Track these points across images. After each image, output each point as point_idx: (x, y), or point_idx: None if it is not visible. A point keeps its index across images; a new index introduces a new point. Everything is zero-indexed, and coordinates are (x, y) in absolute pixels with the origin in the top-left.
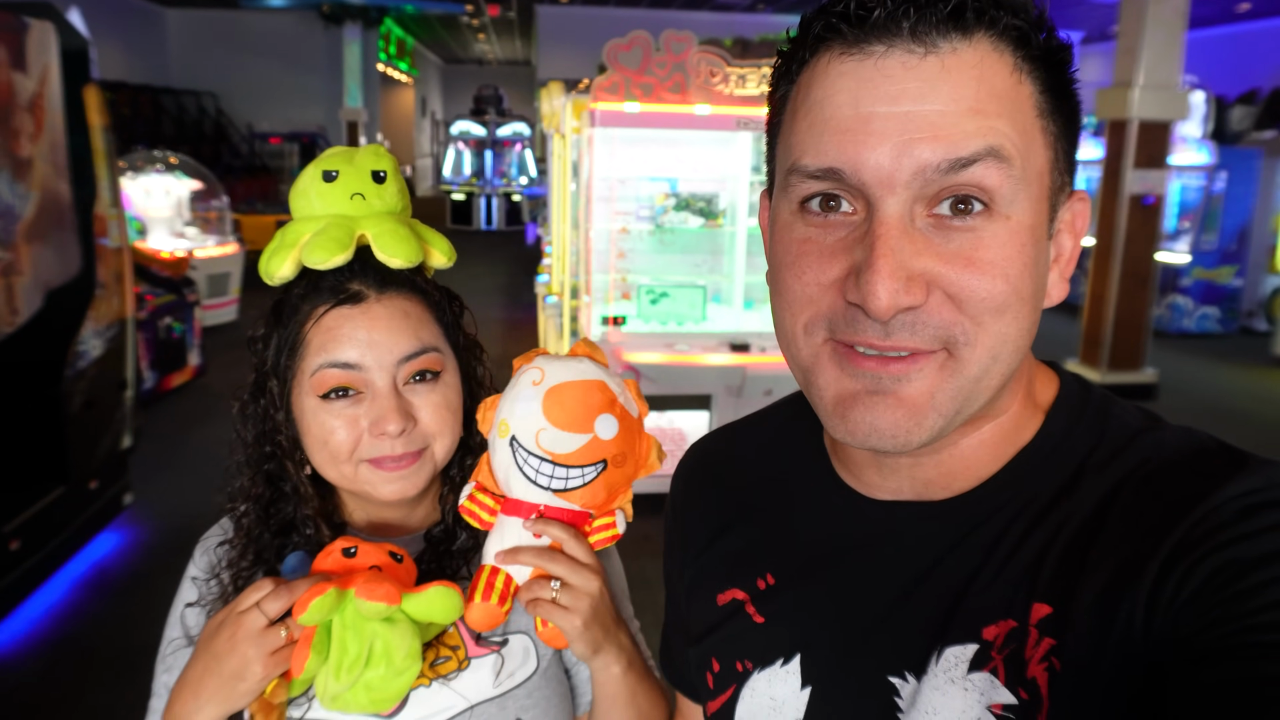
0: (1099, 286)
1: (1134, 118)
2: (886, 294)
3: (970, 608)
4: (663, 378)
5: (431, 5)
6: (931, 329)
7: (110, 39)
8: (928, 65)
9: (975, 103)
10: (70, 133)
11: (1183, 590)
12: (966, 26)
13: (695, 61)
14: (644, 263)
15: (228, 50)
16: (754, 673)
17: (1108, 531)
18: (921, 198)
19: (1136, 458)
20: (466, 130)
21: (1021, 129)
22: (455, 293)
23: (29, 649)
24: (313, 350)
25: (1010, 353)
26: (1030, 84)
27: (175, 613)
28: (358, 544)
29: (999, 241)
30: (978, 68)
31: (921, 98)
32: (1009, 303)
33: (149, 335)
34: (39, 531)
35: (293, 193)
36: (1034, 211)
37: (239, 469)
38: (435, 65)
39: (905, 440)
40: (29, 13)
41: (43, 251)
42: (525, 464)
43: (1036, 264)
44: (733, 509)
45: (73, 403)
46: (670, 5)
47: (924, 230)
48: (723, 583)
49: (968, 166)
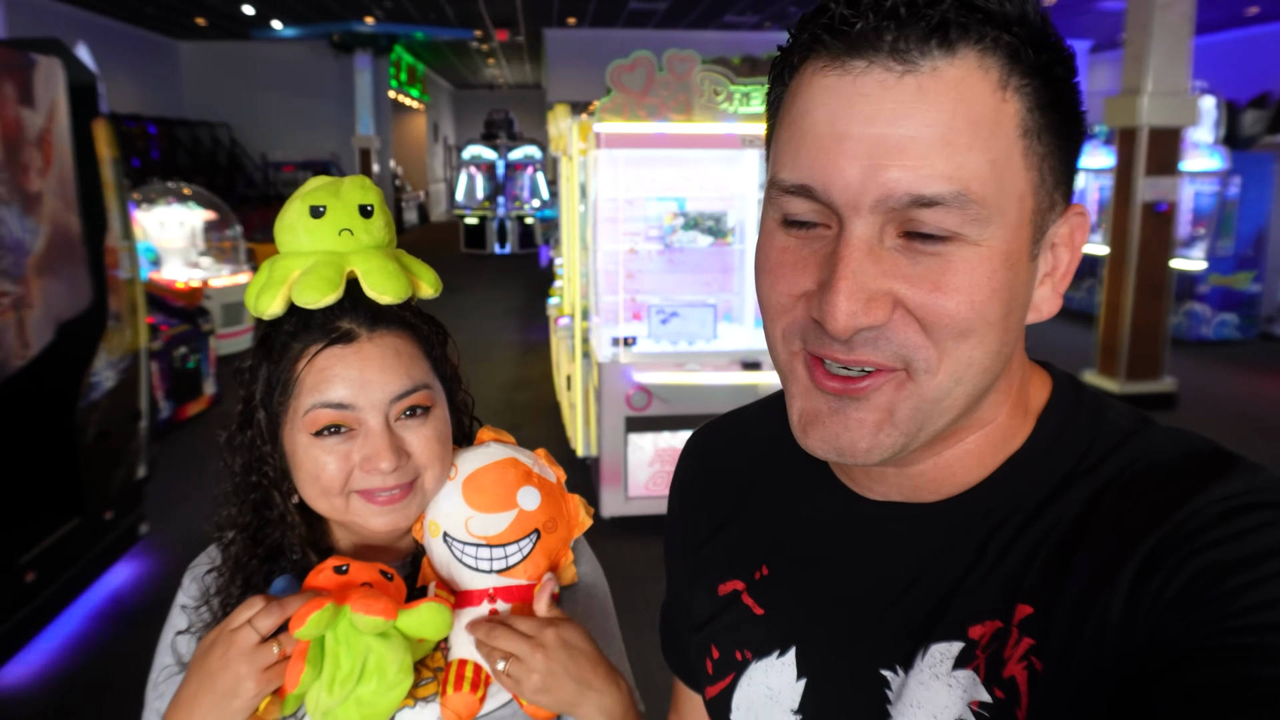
0: (1114, 295)
1: (1143, 125)
2: (844, 315)
3: (958, 607)
4: (674, 398)
5: (441, 32)
6: (894, 347)
7: (125, 73)
8: (904, 86)
9: (949, 131)
10: (80, 166)
11: (1164, 592)
12: (950, 43)
13: (699, 81)
14: (654, 282)
15: (241, 81)
16: (752, 662)
17: (1091, 533)
18: (890, 221)
19: (1124, 460)
20: (478, 155)
21: (998, 159)
22: (439, 321)
23: (45, 680)
24: (305, 390)
25: (975, 374)
26: (1017, 101)
27: (165, 640)
28: (349, 562)
29: (967, 267)
30: (956, 89)
31: (894, 121)
32: (973, 327)
33: (164, 365)
34: (54, 563)
35: (278, 226)
36: (1008, 237)
37: (226, 499)
38: (446, 91)
39: (865, 456)
40: (36, 48)
41: (53, 284)
42: (463, 554)
43: (1009, 288)
44: (733, 500)
45: (87, 434)
46: (678, 25)
47: (892, 251)
48: (723, 574)
49: (930, 207)
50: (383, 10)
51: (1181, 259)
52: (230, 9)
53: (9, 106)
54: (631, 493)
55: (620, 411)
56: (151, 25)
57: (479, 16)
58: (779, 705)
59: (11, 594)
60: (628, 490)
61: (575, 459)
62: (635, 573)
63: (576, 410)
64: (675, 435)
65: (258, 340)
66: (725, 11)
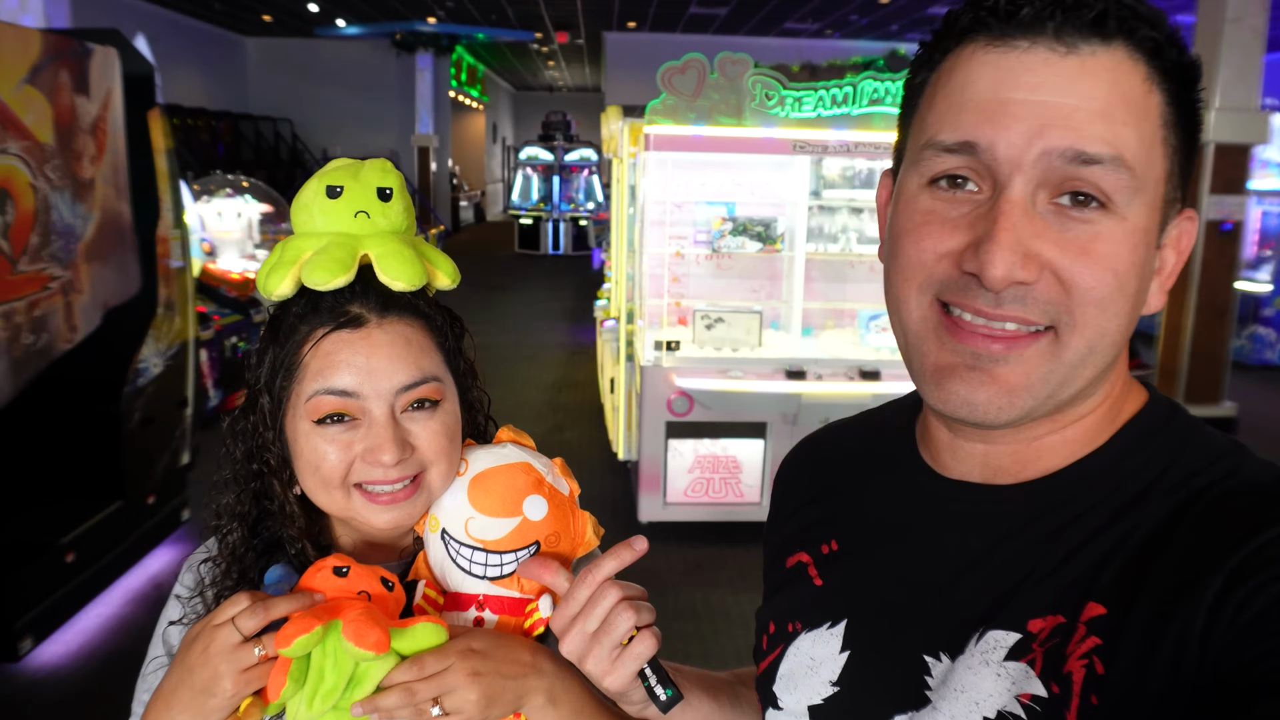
0: (1175, 316)
1: (1211, 141)
2: (1003, 265)
3: (1020, 597)
4: (717, 404)
5: (502, 33)
6: (1041, 305)
7: (192, 67)
8: (1068, 64)
9: (1107, 105)
10: (134, 155)
11: (1245, 610)
12: (1107, 33)
13: (751, 84)
14: (700, 287)
15: (304, 78)
16: (802, 633)
17: (1177, 544)
18: (1045, 184)
19: (1214, 477)
20: (534, 155)
21: (1145, 138)
22: (457, 314)
23: (81, 659)
24: (310, 374)
25: (1107, 346)
26: (1159, 95)
27: (159, 630)
28: (350, 564)
29: (1114, 238)
30: (1113, 73)
31: (1059, 90)
32: (1113, 297)
33: (214, 354)
34: (95, 544)
35: (294, 206)
36: (1148, 217)
37: (225, 486)
38: (506, 92)
39: (995, 417)
40: (95, 39)
41: (102, 271)
42: (458, 555)
43: (1144, 266)
44: (821, 485)
45: (131, 419)
46: (738, 31)
47: (1044, 215)
48: (795, 547)
49: (1090, 165)
50: (445, 10)
51: (1247, 280)
52: (296, 6)
53: (63, 94)
54: (670, 498)
55: (661, 416)
56: (219, 21)
57: (540, 18)
58: (818, 675)
59: (51, 573)
60: (666, 496)
61: (616, 462)
62: (670, 580)
63: (619, 413)
64: (715, 442)
65: (267, 323)
66: (786, 18)
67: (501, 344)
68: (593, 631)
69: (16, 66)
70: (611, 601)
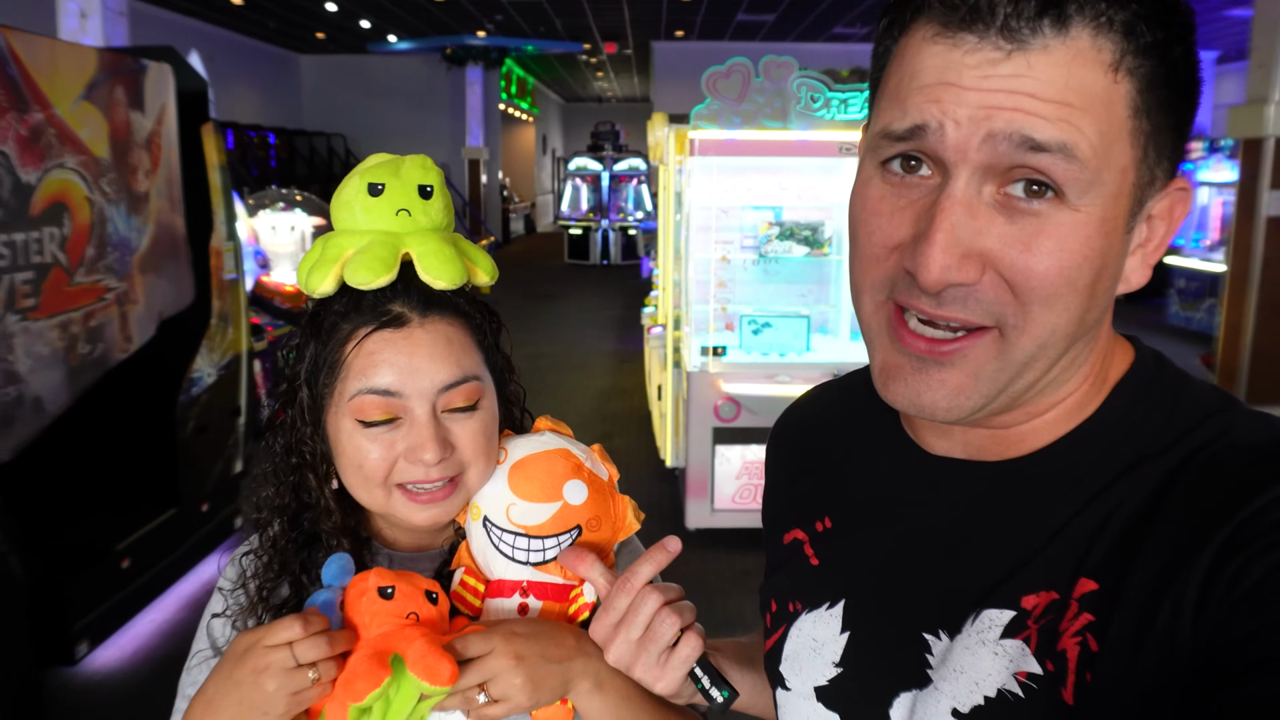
0: (1235, 315)
1: (1270, 135)
2: (937, 268)
3: (1013, 574)
4: (764, 410)
5: (550, 45)
6: (984, 305)
7: (247, 84)
8: (1012, 62)
9: (1061, 95)
10: (187, 169)
11: (1239, 583)
12: (1065, 19)
13: (795, 87)
14: (747, 293)
15: (357, 93)
16: (803, 614)
17: (1166, 514)
18: (994, 171)
19: (1202, 439)
20: (584, 166)
21: (1105, 129)
22: (494, 309)
23: (136, 664)
24: (353, 374)
25: (1059, 341)
26: (1129, 82)
27: (203, 623)
28: (394, 582)
29: (1061, 231)
30: (1068, 66)
31: (1009, 81)
32: (1060, 293)
33: (268, 365)
34: (150, 551)
35: (335, 203)
36: (1106, 205)
37: (265, 479)
38: (555, 103)
39: (944, 415)
40: (150, 55)
41: (156, 282)
42: (500, 541)
43: (1101, 255)
44: (811, 455)
45: (186, 428)
46: (786, 37)
47: (990, 207)
48: (789, 523)
49: (1038, 152)
50: (494, 24)
51: None
52: (349, 23)
53: (119, 109)
54: (717, 505)
55: (708, 422)
56: (273, 39)
57: (588, 30)
58: (821, 657)
59: (108, 579)
60: (714, 502)
61: (664, 469)
62: (719, 587)
63: (666, 420)
64: (763, 448)
65: (307, 318)
66: (834, 23)
67: (551, 353)
68: (637, 639)
69: (74, 84)
70: (653, 607)
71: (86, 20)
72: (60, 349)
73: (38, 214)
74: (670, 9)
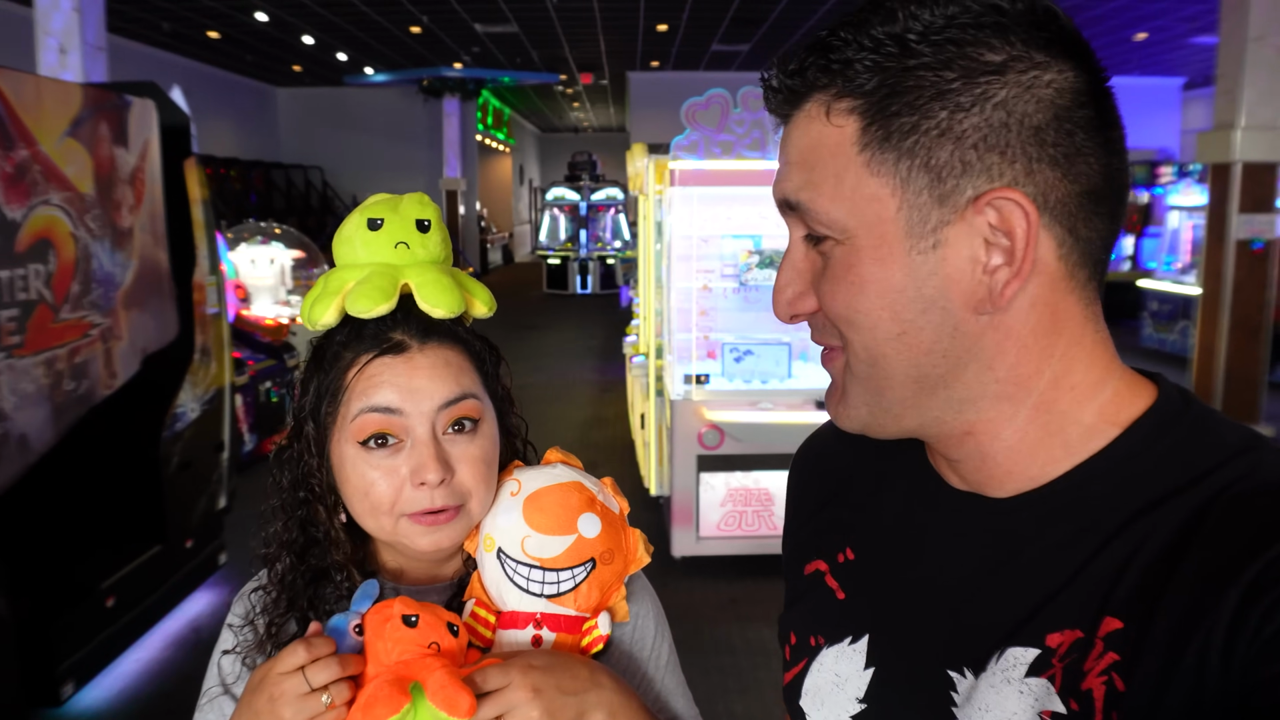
0: (1207, 337)
1: (1237, 160)
2: (781, 305)
3: (1037, 612)
4: (748, 436)
5: (527, 76)
6: (825, 330)
7: (224, 118)
8: (782, 134)
9: (799, 155)
10: (170, 204)
11: (1266, 627)
12: (796, 101)
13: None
14: (728, 320)
15: (333, 126)
16: (824, 648)
17: (1193, 552)
18: (798, 227)
19: (1229, 477)
20: (561, 196)
21: (839, 171)
22: (493, 342)
23: (122, 704)
24: (354, 397)
25: (891, 354)
26: (851, 122)
27: (213, 661)
28: (419, 611)
29: (839, 263)
30: (801, 128)
31: (779, 157)
32: (851, 317)
33: (249, 399)
34: (135, 588)
35: (337, 239)
36: (870, 235)
37: (273, 514)
38: (532, 134)
39: (844, 424)
40: (133, 91)
41: (140, 318)
42: (515, 573)
43: (881, 281)
44: (832, 486)
45: (170, 464)
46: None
47: (809, 254)
48: (812, 553)
49: (793, 210)
50: (471, 56)
51: None
52: (325, 56)
53: (103, 145)
54: (703, 533)
55: (692, 450)
56: (251, 72)
57: (564, 61)
58: (844, 693)
59: (92, 618)
60: (699, 530)
61: (648, 498)
62: (706, 614)
63: (650, 449)
64: (747, 475)
65: (311, 352)
66: None
67: (532, 384)
68: None
69: (59, 120)
70: None
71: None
72: (45, 386)
73: (23, 250)
74: (646, 40)
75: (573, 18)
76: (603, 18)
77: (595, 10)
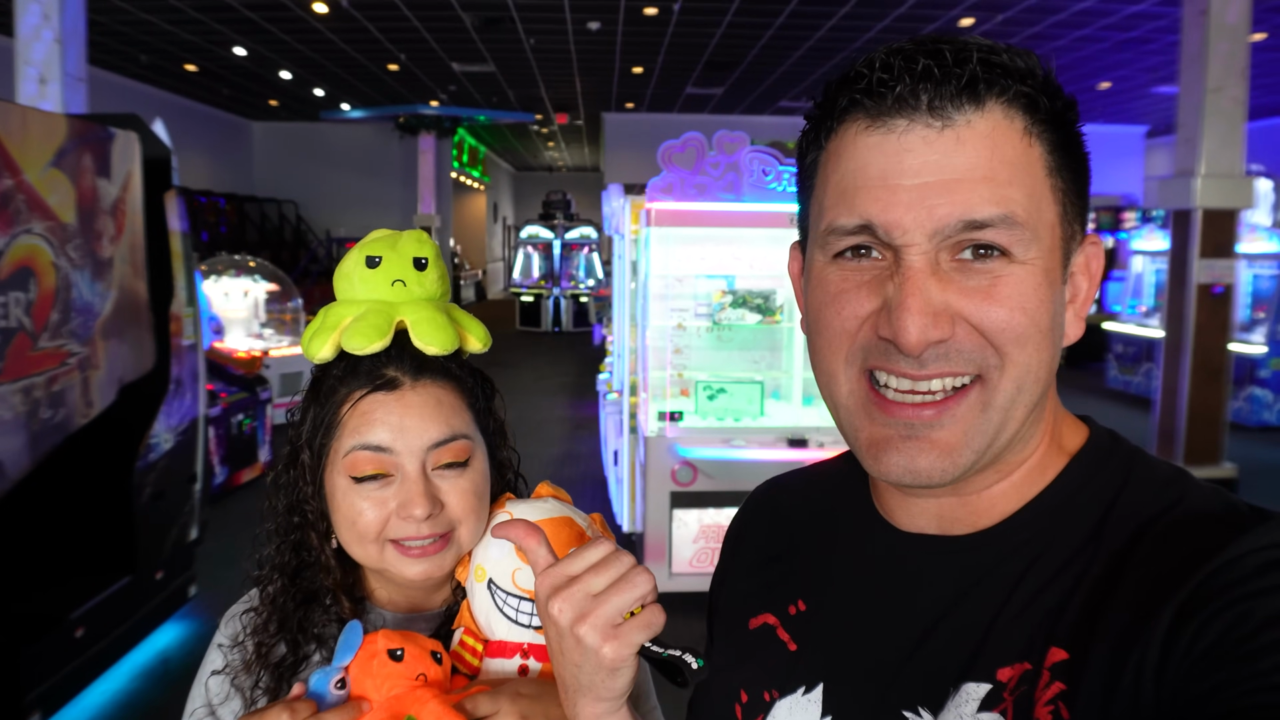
0: (1170, 379)
1: (1197, 207)
2: (916, 329)
3: (988, 647)
4: (720, 474)
5: (503, 115)
6: (965, 355)
7: (199, 150)
8: (945, 138)
9: (989, 170)
10: (150, 235)
11: (1198, 642)
12: (979, 97)
13: (748, 160)
14: (702, 359)
15: (308, 160)
16: (779, 700)
17: (1127, 580)
18: (943, 247)
19: (1159, 506)
20: (535, 234)
21: (1031, 191)
22: (488, 376)
23: None
24: (347, 432)
25: (1033, 383)
26: (1039, 145)
27: (199, 681)
28: (404, 645)
29: (1015, 279)
30: (990, 137)
31: (940, 169)
32: (1028, 334)
33: (221, 431)
34: (104, 619)
35: (337, 274)
36: (1046, 257)
37: (267, 538)
38: (506, 172)
39: (940, 478)
40: (116, 123)
41: (118, 347)
42: (504, 605)
43: (1052, 302)
44: (783, 541)
45: (143, 494)
46: (733, 110)
47: (948, 271)
48: (758, 606)
49: (982, 229)
50: (447, 94)
51: (1241, 343)
52: (303, 91)
53: (86, 176)
54: (675, 569)
55: (665, 487)
56: (227, 106)
57: (540, 101)
58: None
59: (61, 648)
60: (672, 566)
61: (621, 535)
62: None
63: (623, 485)
64: (720, 512)
65: (309, 384)
66: (780, 97)
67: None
68: (597, 592)
69: (44, 150)
70: (629, 563)
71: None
72: (23, 413)
73: (4, 278)
74: (621, 82)
75: (549, 59)
76: (579, 60)
77: (571, 52)
